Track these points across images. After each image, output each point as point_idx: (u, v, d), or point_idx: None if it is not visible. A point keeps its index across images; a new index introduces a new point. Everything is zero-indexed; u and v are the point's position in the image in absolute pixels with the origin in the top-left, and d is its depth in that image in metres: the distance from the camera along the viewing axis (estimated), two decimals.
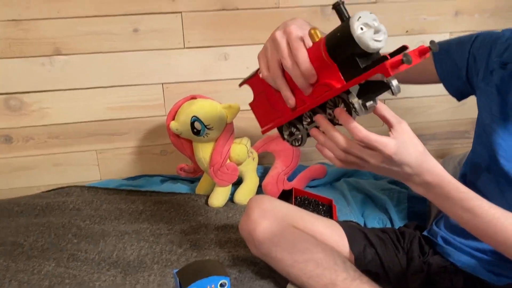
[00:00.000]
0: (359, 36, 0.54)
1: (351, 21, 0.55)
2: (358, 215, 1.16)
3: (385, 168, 0.64)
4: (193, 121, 1.16)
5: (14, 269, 0.93)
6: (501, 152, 0.79)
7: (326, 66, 0.60)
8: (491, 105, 0.81)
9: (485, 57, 0.83)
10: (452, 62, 0.88)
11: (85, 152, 1.42)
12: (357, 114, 0.61)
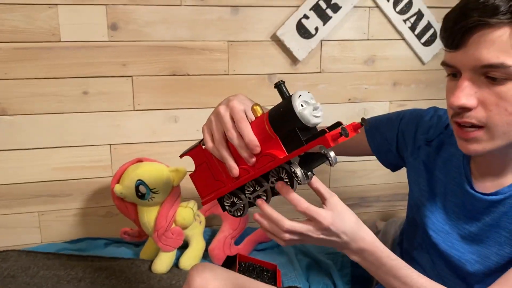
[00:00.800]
0: (301, 112, 0.60)
1: (293, 98, 0.60)
2: (303, 280, 1.16)
3: (324, 239, 0.68)
4: (138, 185, 1.15)
5: None
6: (430, 224, 0.83)
7: (269, 138, 0.64)
8: (419, 180, 0.86)
9: (412, 134, 0.89)
10: (383, 138, 0.94)
11: (26, 214, 1.37)
12: (299, 183, 0.65)
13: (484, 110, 0.65)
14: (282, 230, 0.67)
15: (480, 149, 0.68)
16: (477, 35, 0.62)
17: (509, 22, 0.61)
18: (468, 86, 0.65)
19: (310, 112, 0.60)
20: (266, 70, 1.43)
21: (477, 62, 0.63)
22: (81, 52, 1.29)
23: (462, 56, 0.65)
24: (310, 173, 0.68)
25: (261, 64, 1.42)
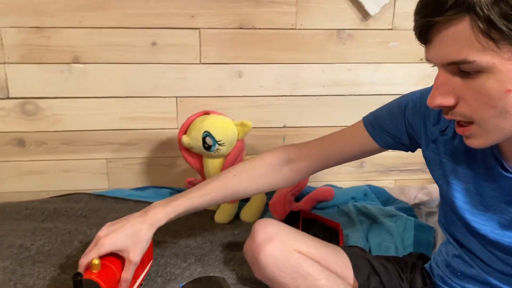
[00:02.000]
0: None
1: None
2: (364, 241, 1.16)
3: None
4: (205, 136, 1.17)
5: (20, 272, 0.94)
6: (470, 217, 0.76)
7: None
8: (445, 174, 0.79)
9: (422, 126, 0.84)
10: (390, 135, 0.89)
11: (95, 160, 1.43)
12: None
13: (466, 105, 0.61)
14: None
15: (482, 144, 0.63)
16: (437, 32, 0.58)
17: (461, 16, 0.55)
18: (444, 83, 0.61)
19: None
20: (334, 25, 1.38)
21: (443, 59, 0.59)
22: (152, 2, 1.29)
23: (431, 52, 0.61)
24: None
25: (330, 18, 1.37)
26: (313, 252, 0.90)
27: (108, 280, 0.75)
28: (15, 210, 1.21)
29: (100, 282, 0.74)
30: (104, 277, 0.75)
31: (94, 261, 0.75)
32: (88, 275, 0.74)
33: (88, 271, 0.75)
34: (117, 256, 0.81)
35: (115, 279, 0.77)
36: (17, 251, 1.02)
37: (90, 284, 0.72)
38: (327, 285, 0.85)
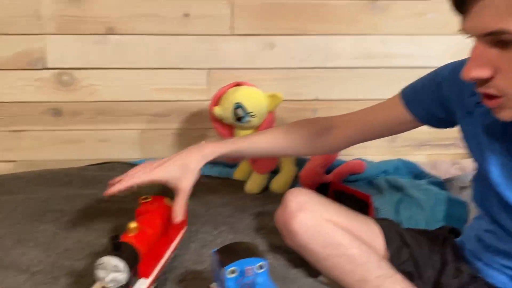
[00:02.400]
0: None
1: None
2: (394, 214, 1.15)
3: None
4: (236, 108, 1.18)
5: (61, 235, 0.98)
6: (503, 191, 0.75)
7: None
8: (483, 150, 0.77)
9: (457, 98, 0.81)
10: (426, 108, 0.87)
11: (129, 131, 1.47)
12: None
13: (503, 78, 0.58)
14: None
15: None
16: (475, 0, 0.56)
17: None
18: (480, 54, 0.58)
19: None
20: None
21: (480, 29, 0.57)
22: None
23: (468, 22, 0.58)
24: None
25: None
26: (345, 222, 0.91)
27: (144, 243, 0.78)
28: (54, 177, 1.26)
29: (136, 244, 0.76)
30: (140, 240, 0.77)
31: (131, 225, 0.78)
32: (126, 238, 0.77)
33: (125, 234, 0.78)
34: (152, 220, 0.84)
35: (151, 242, 0.80)
36: (58, 216, 1.06)
37: (127, 246, 0.75)
38: (358, 254, 0.86)
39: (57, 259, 0.91)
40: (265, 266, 0.73)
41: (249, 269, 0.72)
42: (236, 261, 0.71)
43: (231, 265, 0.71)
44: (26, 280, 0.85)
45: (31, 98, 1.40)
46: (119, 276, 0.71)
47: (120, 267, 0.71)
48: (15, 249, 0.94)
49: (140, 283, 0.78)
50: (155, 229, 0.82)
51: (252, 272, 0.72)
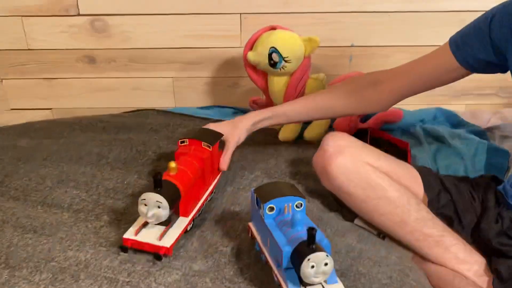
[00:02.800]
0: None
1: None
2: (432, 162, 1.13)
3: None
4: (271, 53, 1.15)
5: (100, 177, 1.00)
6: None
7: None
8: None
9: (509, 37, 0.77)
10: (476, 53, 0.83)
11: (162, 79, 1.46)
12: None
13: None
14: None
15: None
16: None
17: None
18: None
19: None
20: None
21: None
22: None
23: None
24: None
25: None
26: (384, 166, 0.90)
27: (184, 182, 0.79)
28: (90, 123, 1.28)
29: (177, 183, 0.78)
30: (180, 179, 0.79)
31: (171, 164, 0.79)
32: (167, 176, 0.78)
33: (166, 173, 0.79)
34: (191, 163, 0.85)
35: (190, 182, 0.81)
36: (96, 158, 1.08)
37: (168, 184, 0.76)
38: (397, 197, 0.85)
39: (98, 198, 0.93)
40: (302, 205, 0.73)
41: (287, 207, 0.72)
42: (275, 199, 0.72)
43: (270, 203, 0.72)
44: (70, 217, 0.88)
45: (65, 45, 1.41)
46: (161, 212, 0.73)
47: (162, 203, 0.73)
48: (57, 189, 0.96)
49: (180, 221, 0.80)
50: (193, 170, 0.84)
51: (290, 210, 0.72)
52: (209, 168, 0.90)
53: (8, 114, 1.50)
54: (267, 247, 0.72)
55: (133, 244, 0.76)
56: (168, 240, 0.75)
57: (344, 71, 1.38)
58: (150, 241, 0.75)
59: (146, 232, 0.77)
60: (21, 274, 0.73)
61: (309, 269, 0.61)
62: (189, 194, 0.82)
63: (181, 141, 0.92)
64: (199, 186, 0.87)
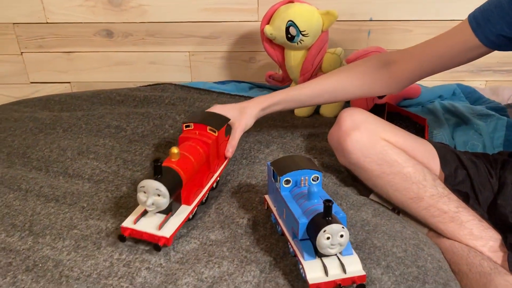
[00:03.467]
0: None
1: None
2: (449, 139, 1.12)
3: None
4: (289, 26, 1.14)
5: (118, 149, 1.02)
6: None
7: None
8: None
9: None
10: (497, 29, 0.79)
11: (178, 53, 1.47)
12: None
13: None
14: None
15: None
16: None
17: None
18: None
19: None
20: None
21: None
22: None
23: None
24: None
25: None
26: (400, 141, 0.90)
27: (186, 169, 0.75)
28: (108, 96, 1.29)
29: (178, 170, 0.74)
30: (182, 166, 0.75)
31: (173, 150, 0.75)
32: (168, 163, 0.74)
33: (168, 159, 0.75)
34: (195, 148, 0.81)
35: (193, 168, 0.78)
36: (115, 131, 1.10)
37: (168, 171, 0.72)
38: (413, 172, 0.85)
39: (117, 169, 0.95)
40: (318, 179, 0.74)
41: (304, 180, 0.73)
42: (291, 172, 0.72)
43: (286, 175, 0.72)
44: (91, 187, 0.90)
45: (83, 19, 1.41)
46: (160, 200, 0.70)
47: (162, 191, 0.69)
48: (78, 160, 0.99)
49: (181, 209, 0.77)
50: (197, 156, 0.79)
51: (307, 183, 0.73)
52: (214, 154, 0.85)
53: (28, 88, 1.53)
54: (283, 219, 0.74)
55: (132, 233, 0.72)
56: (168, 230, 0.72)
57: (362, 46, 1.37)
58: (149, 230, 0.71)
59: (145, 220, 0.73)
60: (45, 240, 0.75)
61: (324, 240, 0.62)
62: (192, 182, 0.78)
63: (185, 124, 0.86)
64: (203, 173, 0.83)
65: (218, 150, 0.87)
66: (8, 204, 0.84)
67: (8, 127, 1.13)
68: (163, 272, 0.69)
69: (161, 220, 0.72)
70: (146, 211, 0.74)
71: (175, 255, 0.72)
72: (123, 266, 0.70)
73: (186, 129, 0.86)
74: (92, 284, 0.67)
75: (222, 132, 0.86)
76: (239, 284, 0.66)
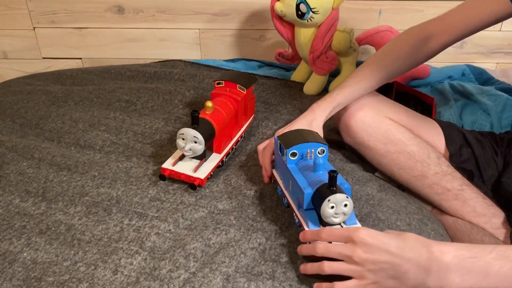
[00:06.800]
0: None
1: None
2: (457, 118, 1.13)
3: (376, 265, 0.58)
4: (299, 3, 1.14)
5: (129, 122, 1.04)
6: None
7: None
8: None
9: None
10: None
11: (188, 30, 1.47)
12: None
13: None
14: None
15: None
16: None
17: None
18: None
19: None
20: None
21: None
22: None
23: None
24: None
25: None
26: (405, 120, 0.90)
27: (218, 121, 0.85)
28: (118, 72, 1.31)
29: (212, 121, 0.83)
30: (215, 118, 0.84)
31: (208, 104, 0.84)
32: (203, 114, 0.83)
33: (203, 111, 0.84)
34: (226, 103, 0.90)
35: (224, 121, 0.87)
36: (125, 105, 1.12)
37: (204, 122, 0.82)
38: (417, 151, 0.86)
39: (128, 141, 0.97)
40: (324, 152, 0.75)
41: (310, 153, 0.74)
42: (298, 145, 0.74)
43: (293, 148, 0.74)
44: (102, 158, 0.92)
45: None
46: (197, 146, 0.79)
47: (198, 138, 0.78)
48: (89, 132, 1.01)
49: (213, 156, 0.87)
50: (228, 111, 0.88)
51: (312, 155, 0.74)
52: (242, 109, 0.94)
53: (40, 63, 1.55)
54: (289, 191, 0.75)
55: (171, 174, 0.82)
56: (203, 172, 0.82)
57: (372, 25, 1.36)
58: (187, 172, 0.81)
59: (182, 164, 0.83)
60: (57, 206, 0.78)
61: (329, 210, 0.64)
62: (223, 133, 0.88)
63: (217, 82, 0.95)
64: (232, 125, 0.92)
65: (246, 106, 0.96)
66: (22, 171, 0.87)
67: (21, 99, 1.15)
68: (172, 238, 0.71)
69: (196, 165, 0.83)
70: (183, 156, 0.84)
71: (183, 222, 0.74)
72: (133, 231, 0.72)
73: (218, 86, 0.95)
74: (103, 247, 0.69)
75: (250, 91, 0.96)
76: (245, 250, 0.68)
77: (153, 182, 0.84)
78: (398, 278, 0.58)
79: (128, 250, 0.68)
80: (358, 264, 0.58)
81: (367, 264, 0.58)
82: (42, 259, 0.67)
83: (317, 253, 0.61)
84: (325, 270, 0.60)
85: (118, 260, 0.67)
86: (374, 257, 0.57)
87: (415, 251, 0.57)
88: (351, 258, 0.58)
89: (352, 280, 0.59)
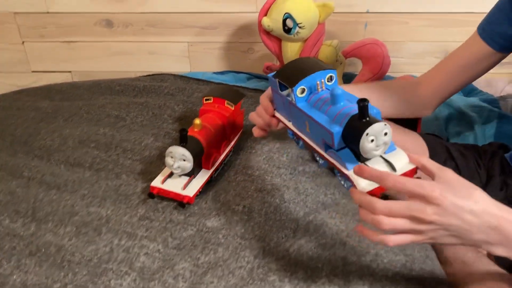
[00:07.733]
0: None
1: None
2: (442, 130, 1.15)
3: (442, 226, 0.53)
4: (285, 18, 1.15)
5: (118, 138, 1.05)
6: None
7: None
8: None
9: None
10: (503, 32, 0.82)
11: (177, 43, 1.48)
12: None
13: None
14: (374, 214, 0.54)
15: None
16: None
17: None
18: None
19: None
20: None
21: None
22: None
23: None
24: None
25: None
26: None
27: (207, 138, 0.87)
28: (108, 86, 1.31)
29: (200, 138, 0.85)
30: (203, 135, 0.87)
31: (196, 121, 0.86)
32: (192, 132, 0.86)
33: (191, 128, 0.87)
34: (214, 120, 0.92)
35: (212, 137, 0.89)
36: (114, 121, 1.12)
37: (192, 139, 0.84)
38: None
39: (117, 158, 0.98)
40: (334, 78, 0.65)
41: (320, 84, 0.64)
42: (304, 79, 0.63)
43: (300, 84, 0.63)
44: (91, 176, 0.93)
45: (83, 9, 1.43)
46: (185, 164, 0.82)
47: (187, 156, 0.81)
48: (79, 149, 1.01)
49: (202, 172, 0.89)
50: (216, 127, 0.91)
51: (323, 86, 0.65)
52: (230, 125, 0.97)
53: (29, 76, 1.55)
54: (307, 132, 0.66)
55: (159, 192, 0.84)
56: (191, 190, 0.83)
57: (358, 37, 1.38)
58: (175, 190, 0.83)
59: (171, 181, 0.85)
60: (47, 227, 0.79)
61: (369, 144, 0.56)
62: (211, 149, 0.89)
63: (206, 98, 0.97)
64: (221, 141, 0.94)
65: (234, 122, 0.99)
66: (12, 191, 0.87)
67: (10, 116, 1.16)
68: (161, 258, 0.72)
69: (185, 182, 0.84)
70: (172, 173, 0.86)
71: (172, 241, 0.75)
72: (122, 252, 0.73)
73: (206, 102, 0.98)
74: (93, 268, 0.70)
75: (238, 106, 0.98)
76: (233, 269, 0.69)
77: (142, 200, 0.85)
78: (459, 237, 0.55)
79: (118, 271, 0.69)
80: (423, 223, 0.53)
81: (433, 225, 0.53)
82: (32, 281, 0.68)
83: (377, 209, 0.54)
84: (384, 227, 0.54)
85: (108, 281, 0.68)
86: (444, 220, 0.53)
87: (485, 220, 0.54)
88: (419, 218, 0.53)
89: (409, 235, 0.55)
